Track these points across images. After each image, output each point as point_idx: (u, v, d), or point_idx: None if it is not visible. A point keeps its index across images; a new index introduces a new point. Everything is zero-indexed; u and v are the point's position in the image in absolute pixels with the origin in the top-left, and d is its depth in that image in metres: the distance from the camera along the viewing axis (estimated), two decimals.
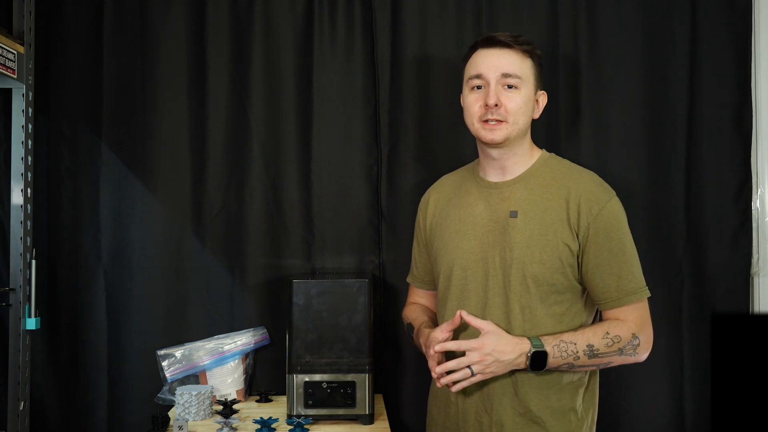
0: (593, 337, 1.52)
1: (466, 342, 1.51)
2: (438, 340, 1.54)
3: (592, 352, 1.51)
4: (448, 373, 1.52)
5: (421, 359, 2.01)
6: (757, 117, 2.05)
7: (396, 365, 2.04)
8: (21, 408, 1.84)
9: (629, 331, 1.54)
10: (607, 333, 1.53)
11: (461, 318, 1.54)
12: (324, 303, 1.76)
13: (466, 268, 1.62)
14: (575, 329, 1.56)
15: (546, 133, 2.04)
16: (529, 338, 1.52)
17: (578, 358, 1.51)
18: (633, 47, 2.05)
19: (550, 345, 1.50)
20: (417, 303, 1.86)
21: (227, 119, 2.06)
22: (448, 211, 1.71)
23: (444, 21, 2.06)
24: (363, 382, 1.76)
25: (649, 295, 1.58)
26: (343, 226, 2.06)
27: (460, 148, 2.02)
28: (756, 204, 2.06)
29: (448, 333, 1.55)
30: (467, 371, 1.50)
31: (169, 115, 2.06)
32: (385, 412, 1.87)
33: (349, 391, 1.75)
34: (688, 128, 2.04)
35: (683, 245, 2.03)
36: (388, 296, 2.04)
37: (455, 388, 1.53)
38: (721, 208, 2.03)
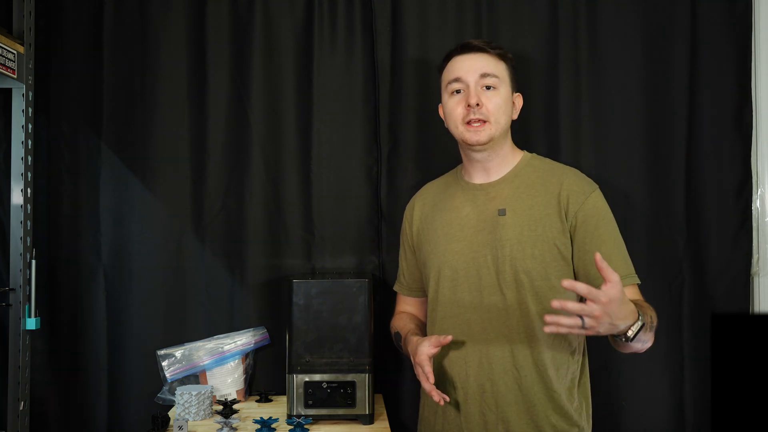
0: (650, 310, 1.51)
1: (595, 291, 1.31)
2: (426, 354, 1.55)
3: (652, 326, 1.49)
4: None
5: None
6: (757, 117, 2.05)
7: (396, 365, 2.04)
8: (21, 408, 1.84)
9: None
10: (650, 306, 1.53)
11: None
12: (324, 303, 1.76)
13: (457, 269, 1.64)
14: (636, 303, 1.47)
15: (546, 133, 2.04)
16: (638, 312, 1.42)
17: (652, 329, 1.50)
18: (633, 47, 2.05)
19: (647, 317, 1.46)
20: (405, 312, 1.87)
21: (227, 119, 2.06)
22: (434, 216, 1.73)
23: (444, 22, 2.06)
24: (363, 382, 1.76)
25: (639, 282, 1.61)
26: (343, 226, 2.06)
27: (459, 149, 2.02)
28: (756, 204, 2.05)
29: (435, 349, 1.56)
30: (578, 320, 1.33)
31: (169, 115, 2.06)
32: (385, 412, 1.87)
33: (349, 391, 1.75)
34: (688, 128, 2.04)
35: (683, 245, 2.03)
36: (388, 296, 2.04)
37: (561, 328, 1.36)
38: (721, 208, 2.03)
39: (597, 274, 1.50)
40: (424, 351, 1.56)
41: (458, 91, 1.64)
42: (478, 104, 1.60)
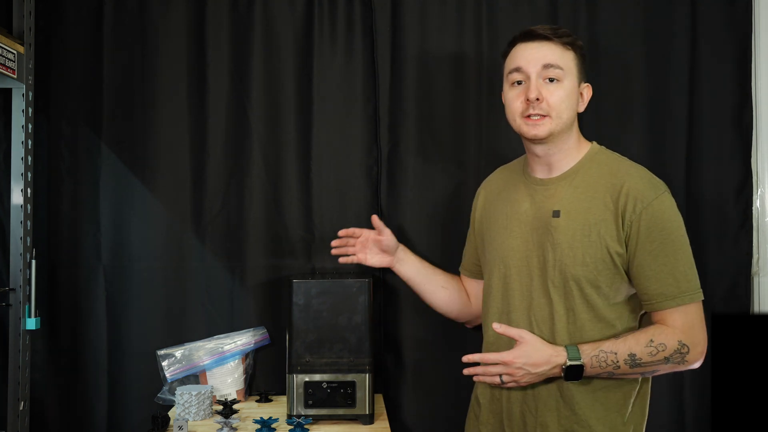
0: (636, 345, 1.45)
1: (497, 355, 1.48)
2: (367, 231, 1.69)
3: (634, 362, 1.45)
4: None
5: (421, 360, 2.02)
6: (757, 117, 2.05)
7: (396, 365, 2.04)
8: (21, 408, 1.84)
9: (675, 338, 1.46)
10: (651, 341, 1.45)
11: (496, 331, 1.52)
12: (324, 303, 1.76)
13: (510, 266, 1.59)
14: (617, 336, 1.48)
15: None
16: (566, 348, 1.47)
17: (618, 367, 1.45)
18: (633, 46, 2.05)
19: (587, 356, 1.45)
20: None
21: (227, 119, 2.06)
22: (497, 206, 1.68)
23: (444, 20, 2.06)
24: (363, 382, 1.76)
25: (702, 298, 1.49)
26: (343, 226, 2.05)
27: (460, 148, 2.02)
28: (756, 204, 2.05)
29: (374, 233, 1.76)
30: (496, 379, 1.49)
31: (169, 115, 2.05)
32: (385, 412, 1.87)
33: (349, 391, 1.75)
34: (688, 128, 2.04)
35: None
36: (388, 296, 2.04)
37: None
38: (721, 208, 2.03)
39: (650, 288, 1.48)
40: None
41: (519, 82, 1.54)
42: (538, 98, 1.49)
